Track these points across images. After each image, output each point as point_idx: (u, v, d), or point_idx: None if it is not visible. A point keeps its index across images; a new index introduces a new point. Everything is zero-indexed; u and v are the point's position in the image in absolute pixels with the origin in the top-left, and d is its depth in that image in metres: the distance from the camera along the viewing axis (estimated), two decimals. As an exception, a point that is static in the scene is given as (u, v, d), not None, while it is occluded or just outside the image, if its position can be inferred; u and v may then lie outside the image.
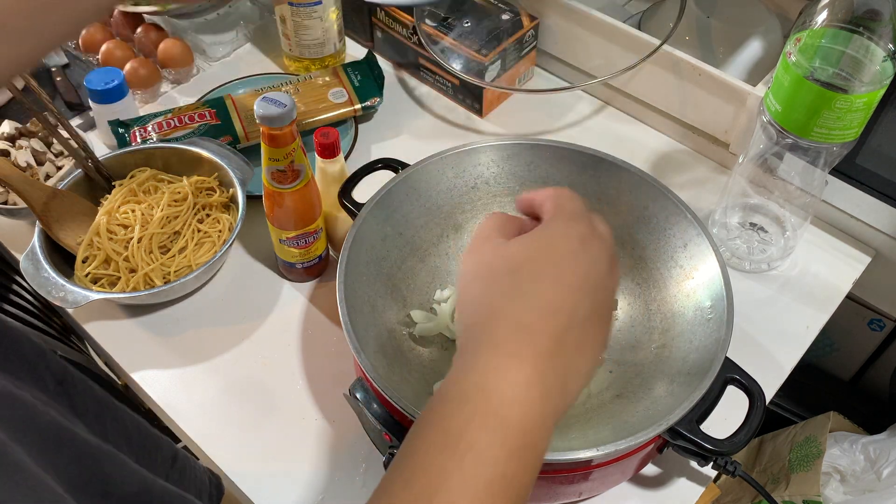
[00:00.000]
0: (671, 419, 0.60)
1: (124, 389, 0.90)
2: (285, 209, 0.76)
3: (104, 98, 0.93)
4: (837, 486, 1.04)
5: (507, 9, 0.99)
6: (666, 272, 0.74)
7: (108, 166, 0.87)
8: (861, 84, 0.66)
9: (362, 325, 0.67)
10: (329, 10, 1.00)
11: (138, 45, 1.08)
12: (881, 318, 1.04)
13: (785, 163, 0.78)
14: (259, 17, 1.15)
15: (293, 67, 1.07)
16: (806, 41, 0.67)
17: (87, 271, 0.80)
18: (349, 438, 0.74)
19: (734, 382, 0.64)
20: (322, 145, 0.77)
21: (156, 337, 0.81)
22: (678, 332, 0.70)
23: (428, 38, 0.99)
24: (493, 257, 0.46)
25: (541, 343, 0.43)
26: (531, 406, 0.41)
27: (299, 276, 0.85)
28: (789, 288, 0.85)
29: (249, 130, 0.95)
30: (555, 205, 0.48)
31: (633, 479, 0.71)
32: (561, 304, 0.44)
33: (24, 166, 0.87)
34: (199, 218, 0.84)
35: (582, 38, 0.99)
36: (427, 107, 1.04)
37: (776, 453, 1.10)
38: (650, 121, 1.00)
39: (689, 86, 0.92)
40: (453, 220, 0.80)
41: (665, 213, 0.74)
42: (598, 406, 0.70)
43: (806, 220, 0.83)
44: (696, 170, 0.96)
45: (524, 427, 0.41)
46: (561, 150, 0.78)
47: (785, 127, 0.71)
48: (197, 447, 0.74)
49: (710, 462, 0.66)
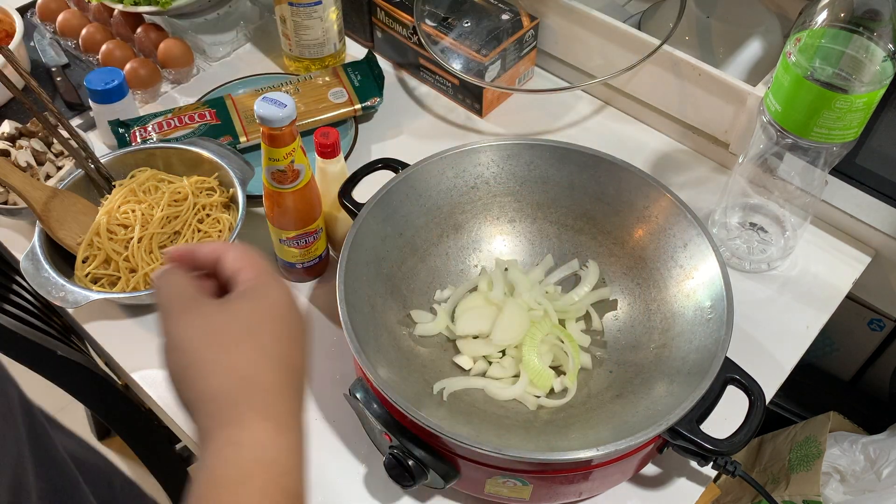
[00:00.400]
0: (671, 419, 0.60)
1: (124, 389, 0.90)
2: (285, 209, 0.76)
3: (104, 98, 0.93)
4: (837, 486, 1.04)
5: (507, 9, 0.99)
6: (666, 272, 0.74)
7: (108, 166, 0.87)
8: (861, 84, 0.66)
9: (362, 325, 0.67)
10: (329, 10, 1.00)
11: (138, 45, 1.08)
12: (881, 318, 1.04)
13: (785, 163, 0.78)
14: (259, 17, 1.15)
15: (293, 67, 1.07)
16: (806, 41, 0.67)
17: (87, 271, 0.80)
18: (349, 438, 0.74)
19: (734, 382, 0.64)
20: (322, 145, 0.77)
21: (156, 337, 0.80)
22: (678, 332, 0.70)
23: (428, 38, 0.99)
24: (223, 319, 0.44)
25: (294, 403, 0.43)
26: (298, 468, 0.42)
27: (299, 276, 0.85)
28: (789, 288, 0.85)
29: (249, 130, 0.95)
30: (253, 264, 0.47)
31: (633, 479, 0.72)
32: (298, 362, 0.45)
33: (24, 166, 0.87)
34: (199, 218, 0.84)
35: (582, 38, 0.99)
36: (427, 107, 1.04)
37: (776, 453, 1.10)
38: (650, 121, 1.00)
39: (688, 86, 0.92)
40: (453, 220, 0.80)
41: (665, 213, 0.74)
42: (598, 406, 0.70)
43: (806, 220, 0.83)
44: (696, 170, 0.96)
45: (298, 491, 0.41)
46: (561, 150, 0.78)
47: (785, 127, 0.71)
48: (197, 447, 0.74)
49: (710, 462, 0.66)
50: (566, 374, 0.72)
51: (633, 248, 0.77)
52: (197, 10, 1.09)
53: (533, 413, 0.70)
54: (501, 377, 0.73)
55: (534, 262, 0.81)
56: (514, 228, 0.81)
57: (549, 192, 0.80)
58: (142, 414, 0.95)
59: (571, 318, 0.76)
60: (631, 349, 0.74)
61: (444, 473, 0.64)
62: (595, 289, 0.78)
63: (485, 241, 0.81)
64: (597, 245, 0.79)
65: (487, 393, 0.71)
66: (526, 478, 0.63)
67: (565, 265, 0.80)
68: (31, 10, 1.15)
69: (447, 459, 0.64)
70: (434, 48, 0.98)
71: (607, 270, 0.79)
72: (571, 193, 0.79)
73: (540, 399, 0.71)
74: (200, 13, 1.10)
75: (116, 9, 1.06)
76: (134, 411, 0.94)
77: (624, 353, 0.74)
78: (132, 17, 1.08)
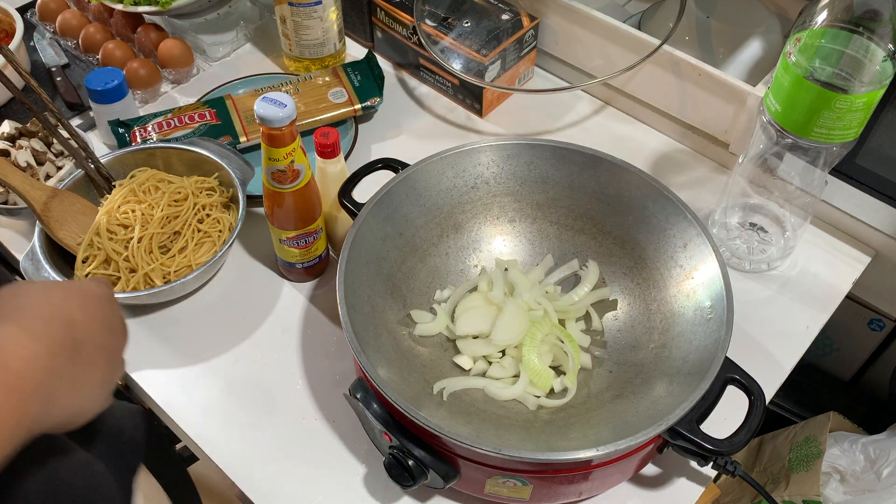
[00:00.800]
0: (671, 419, 0.60)
1: (124, 389, 0.90)
2: (285, 209, 0.76)
3: (104, 98, 0.93)
4: (837, 486, 1.04)
5: (507, 9, 0.99)
6: (666, 272, 0.74)
7: (108, 166, 0.87)
8: (861, 84, 0.66)
9: (362, 325, 0.67)
10: (329, 10, 1.00)
11: (138, 45, 1.08)
12: (881, 318, 1.04)
13: (785, 163, 0.78)
14: (259, 17, 1.15)
15: (293, 67, 1.07)
16: (806, 41, 0.67)
17: (87, 271, 0.80)
18: (349, 438, 0.74)
19: (734, 382, 0.64)
20: (322, 145, 0.77)
21: (156, 337, 0.81)
22: (678, 332, 0.70)
23: (428, 38, 0.99)
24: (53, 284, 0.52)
25: (57, 333, 0.47)
26: (35, 366, 0.44)
27: (299, 276, 0.85)
28: (789, 288, 0.85)
29: (249, 130, 0.95)
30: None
31: (633, 479, 0.72)
32: (82, 324, 0.50)
33: (24, 166, 0.87)
34: (200, 218, 0.84)
35: (582, 38, 0.99)
36: (427, 107, 1.04)
37: (776, 453, 1.10)
38: (650, 121, 1.00)
39: (688, 86, 0.92)
40: (453, 220, 0.80)
41: (665, 213, 0.74)
42: (598, 406, 0.70)
43: (806, 220, 0.83)
44: (696, 170, 0.96)
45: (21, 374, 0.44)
46: (561, 150, 0.78)
47: (785, 127, 0.71)
48: (197, 447, 0.74)
49: (710, 462, 0.66)
50: (566, 374, 0.72)
51: (633, 248, 0.77)
52: (197, 10, 1.09)
53: (533, 413, 0.70)
54: (501, 377, 0.73)
55: (534, 262, 0.81)
56: (514, 228, 0.81)
57: (549, 192, 0.80)
58: (142, 414, 0.94)
59: (571, 318, 0.76)
60: (631, 349, 0.74)
61: (444, 473, 0.64)
62: (595, 289, 0.78)
63: (485, 241, 0.81)
64: (597, 245, 0.79)
65: (487, 393, 0.71)
66: (526, 478, 0.63)
67: (565, 265, 0.80)
68: (31, 10, 1.15)
69: (447, 459, 0.64)
70: (434, 48, 0.98)
71: (607, 270, 0.79)
72: (571, 193, 0.79)
73: (540, 399, 0.71)
74: (200, 13, 1.10)
75: (116, 9, 1.06)
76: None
77: (624, 353, 0.74)
78: (132, 17, 1.08)
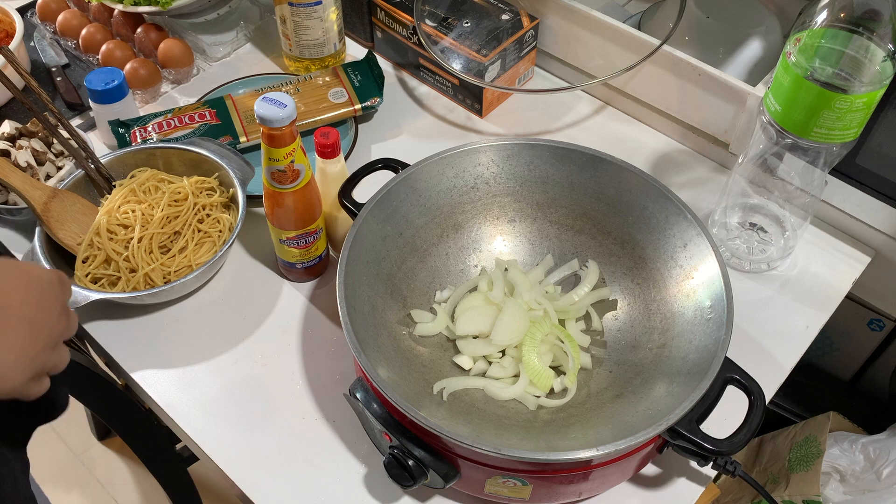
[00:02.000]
0: (671, 419, 0.60)
1: (124, 389, 0.90)
2: (285, 209, 0.76)
3: (104, 98, 0.93)
4: (837, 485, 1.04)
5: (507, 9, 0.99)
6: (666, 272, 0.74)
7: (108, 166, 0.87)
8: (861, 84, 0.66)
9: (362, 325, 0.67)
10: (329, 10, 1.00)
11: (138, 45, 1.08)
12: (881, 318, 1.04)
13: (785, 163, 0.78)
14: (259, 17, 1.15)
15: (293, 67, 1.07)
16: (806, 41, 0.67)
17: (87, 271, 0.80)
18: (349, 438, 0.74)
19: (734, 382, 0.64)
20: (322, 145, 0.77)
21: (156, 337, 0.81)
22: (678, 332, 0.70)
23: (428, 38, 0.99)
24: None
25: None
26: None
27: (299, 276, 0.85)
28: (789, 288, 0.85)
29: (249, 130, 0.95)
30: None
31: (633, 479, 0.72)
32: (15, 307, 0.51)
33: (24, 166, 0.87)
34: (200, 218, 0.84)
35: (582, 38, 0.99)
36: (427, 107, 1.04)
37: (776, 453, 1.10)
38: (650, 121, 1.00)
39: (688, 86, 0.92)
40: (453, 220, 0.80)
41: (665, 213, 0.74)
42: (598, 406, 0.70)
43: (806, 220, 0.83)
44: (696, 170, 0.96)
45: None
46: (561, 150, 0.78)
47: (785, 127, 0.71)
48: (197, 447, 0.74)
49: (709, 462, 0.66)
50: (566, 374, 0.72)
51: (632, 248, 0.77)
52: (197, 10, 1.09)
53: (533, 413, 0.70)
54: (501, 377, 0.73)
55: (534, 262, 0.81)
56: (514, 228, 0.81)
57: (549, 192, 0.80)
58: (142, 414, 0.95)
59: (571, 318, 0.77)
60: (631, 349, 0.74)
61: (444, 473, 0.64)
62: (595, 289, 0.78)
63: (485, 241, 0.81)
64: (597, 245, 0.79)
65: (487, 393, 0.71)
66: (526, 478, 0.63)
67: (565, 265, 0.80)
68: (31, 10, 1.15)
69: (447, 459, 0.64)
70: (434, 48, 0.98)
71: (607, 270, 0.79)
72: (571, 193, 0.79)
73: (540, 399, 0.71)
74: (200, 13, 1.10)
75: (116, 9, 1.06)
76: (134, 411, 0.94)
77: (624, 353, 0.74)
78: (132, 17, 1.08)
